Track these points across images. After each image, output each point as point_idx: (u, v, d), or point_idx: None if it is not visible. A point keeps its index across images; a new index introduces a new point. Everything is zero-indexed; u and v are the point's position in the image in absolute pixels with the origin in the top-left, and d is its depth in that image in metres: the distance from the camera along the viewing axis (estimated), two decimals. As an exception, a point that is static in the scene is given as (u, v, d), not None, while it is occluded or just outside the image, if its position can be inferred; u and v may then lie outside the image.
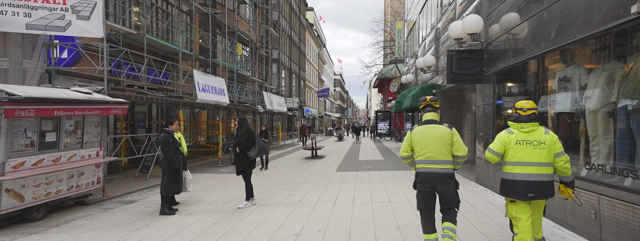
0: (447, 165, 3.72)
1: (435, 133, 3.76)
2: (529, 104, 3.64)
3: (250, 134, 6.63)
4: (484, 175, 8.22)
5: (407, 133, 4.02)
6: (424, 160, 3.76)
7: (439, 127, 3.80)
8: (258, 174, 11.07)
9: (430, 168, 3.71)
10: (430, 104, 3.98)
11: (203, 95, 11.51)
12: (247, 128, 6.70)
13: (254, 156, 6.61)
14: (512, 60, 6.64)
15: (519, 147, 3.52)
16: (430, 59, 12.78)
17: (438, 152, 3.70)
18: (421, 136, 3.80)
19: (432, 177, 3.70)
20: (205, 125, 17.82)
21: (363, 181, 9.47)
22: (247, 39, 18.89)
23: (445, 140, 3.71)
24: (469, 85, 11.62)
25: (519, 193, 3.47)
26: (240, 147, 6.61)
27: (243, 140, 6.64)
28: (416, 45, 18.89)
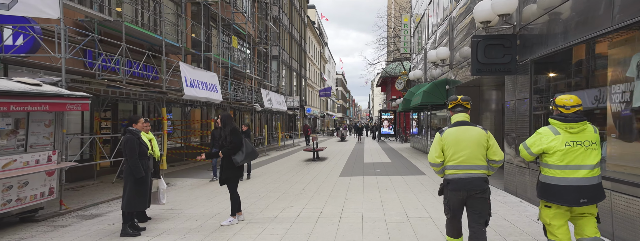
0: (482, 170, 3.41)
1: (470, 135, 3.41)
2: (573, 100, 3.22)
3: (236, 135, 5.40)
4: (516, 182, 6.96)
5: (437, 135, 3.56)
6: (457, 166, 3.41)
7: (473, 128, 3.46)
8: (252, 180, 9.83)
9: (465, 174, 3.38)
10: (461, 104, 3.58)
11: (191, 91, 10.28)
12: (233, 128, 5.47)
13: (241, 162, 5.38)
14: (560, 44, 5.38)
15: (569, 149, 3.15)
16: (443, 51, 11.53)
17: (473, 156, 3.38)
18: (454, 139, 3.42)
19: (468, 183, 3.37)
20: (199, 125, 16.60)
21: (371, 188, 8.23)
22: (244, 33, 17.66)
23: (481, 143, 3.40)
24: (489, 81, 10.37)
25: (570, 199, 3.13)
26: (224, 150, 5.38)
27: (227, 141, 5.42)
28: (425, 39, 17.63)
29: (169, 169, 11.76)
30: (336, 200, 7.03)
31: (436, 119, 15.92)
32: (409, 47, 22.39)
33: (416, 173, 10.62)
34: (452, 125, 3.54)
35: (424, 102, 13.01)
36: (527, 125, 6.49)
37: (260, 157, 16.58)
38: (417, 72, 16.91)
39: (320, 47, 58.84)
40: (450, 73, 12.44)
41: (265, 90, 18.66)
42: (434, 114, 16.26)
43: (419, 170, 11.25)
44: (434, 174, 10.00)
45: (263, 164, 13.60)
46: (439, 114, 14.92)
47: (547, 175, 3.24)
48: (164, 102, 9.05)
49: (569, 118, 3.17)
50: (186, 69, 10.27)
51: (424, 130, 17.96)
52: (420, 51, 19.55)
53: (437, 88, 12.95)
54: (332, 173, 10.96)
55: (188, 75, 10.37)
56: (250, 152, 5.48)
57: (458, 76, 11.60)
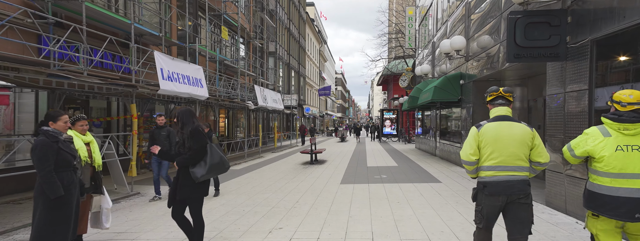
0: (524, 172, 3.02)
1: (513, 132, 3.04)
2: (634, 96, 2.72)
3: (198, 138, 3.97)
4: (566, 195, 5.54)
5: (473, 130, 3.17)
6: (496, 166, 3.02)
7: (517, 125, 3.07)
8: (238, 189, 8.40)
9: (505, 176, 2.99)
10: (502, 96, 3.21)
11: (168, 85, 8.85)
12: (194, 129, 4.03)
13: (202, 177, 3.94)
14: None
15: (621, 154, 2.70)
16: (459, 41, 10.12)
17: (515, 156, 3.01)
18: (494, 135, 3.05)
19: (509, 187, 2.97)
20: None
21: (379, 201, 6.81)
22: (236, 24, 16.23)
23: (525, 142, 3.03)
24: (513, 74, 8.97)
25: (623, 213, 2.66)
26: (179, 160, 3.96)
27: (186, 147, 4.00)
28: (433, 30, 16.21)
29: (141, 176, 10.31)
30: (338, 218, 5.61)
31: (448, 119, 14.47)
32: (413, 42, 20.98)
33: (429, 180, 9.20)
34: (491, 119, 3.16)
35: (435, 98, 11.60)
36: (584, 124, 5.07)
37: (254, 159, 15.17)
38: (425, 67, 15.50)
39: (320, 45, 57.42)
40: (466, 66, 11.03)
41: (260, 87, 17.24)
42: (447, 112, 14.79)
43: (432, 176, 9.83)
44: (453, 182, 8.58)
45: (255, 168, 12.19)
46: (452, 113, 13.47)
47: (596, 183, 2.82)
48: (133, 98, 7.62)
49: (624, 117, 2.73)
50: (163, 60, 8.84)
51: (431, 131, 16.54)
52: (426, 46, 18.14)
53: (450, 83, 11.54)
54: (332, 179, 9.54)
55: (165, 67, 8.94)
56: (216, 164, 4.04)
57: (474, 69, 10.19)
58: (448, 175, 9.85)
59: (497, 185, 3.01)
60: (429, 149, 16.85)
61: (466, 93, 10.95)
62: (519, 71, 8.54)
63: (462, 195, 7.27)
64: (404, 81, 21.84)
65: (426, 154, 16.60)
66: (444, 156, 13.83)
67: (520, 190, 2.98)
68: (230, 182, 9.33)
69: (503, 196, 3.00)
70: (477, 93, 10.29)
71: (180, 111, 4.17)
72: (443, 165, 12.08)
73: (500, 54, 8.11)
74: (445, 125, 14.58)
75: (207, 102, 11.97)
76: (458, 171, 10.64)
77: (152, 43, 11.87)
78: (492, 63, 8.67)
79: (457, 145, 11.81)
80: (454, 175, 9.95)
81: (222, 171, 4.19)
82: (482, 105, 10.27)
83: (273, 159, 15.43)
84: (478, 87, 10.27)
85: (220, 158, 4.15)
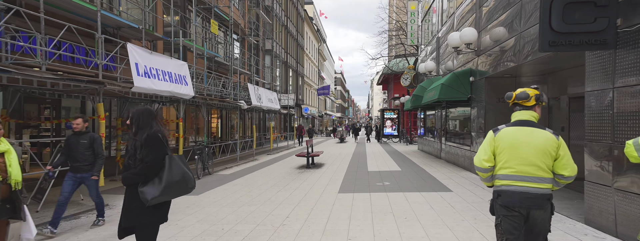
0: (545, 184, 2.74)
1: (535, 139, 2.76)
2: None
3: (154, 148, 3.03)
4: (616, 214, 4.53)
5: (489, 134, 2.92)
6: (513, 175, 2.78)
7: (540, 132, 2.78)
8: (220, 200, 7.39)
9: (522, 187, 2.74)
10: (517, 103, 2.90)
11: (144, 82, 7.85)
12: (151, 135, 3.09)
13: (153, 199, 2.97)
14: None
15: None
16: (469, 33, 9.13)
17: (535, 166, 2.74)
18: (512, 141, 2.79)
19: (526, 199, 2.72)
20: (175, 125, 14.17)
21: (383, 216, 5.81)
22: (227, 18, 15.22)
23: (547, 151, 2.73)
24: (531, 70, 7.98)
25: None
26: (125, 176, 3.00)
27: (138, 159, 3.02)
28: (437, 25, 15.21)
29: (112, 185, 9.29)
30: (334, 240, 4.62)
31: (455, 119, 13.46)
32: (416, 38, 19.98)
33: (438, 188, 8.20)
34: (510, 123, 2.90)
35: (442, 97, 10.60)
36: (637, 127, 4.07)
37: (247, 162, 14.17)
38: (429, 64, 14.50)
39: (319, 43, 56.43)
40: (476, 62, 10.03)
41: (254, 85, 16.23)
42: (454, 112, 13.78)
43: (441, 183, 8.83)
44: (466, 192, 7.58)
45: (246, 173, 11.19)
46: (459, 113, 12.46)
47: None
48: (100, 96, 6.61)
49: None
50: (138, 53, 7.83)
51: (436, 132, 15.54)
52: (430, 42, 17.14)
53: (459, 81, 10.55)
54: (329, 187, 8.54)
55: (142, 62, 7.93)
56: (175, 182, 3.07)
57: (486, 65, 9.20)
58: (458, 182, 8.85)
59: (512, 195, 2.77)
60: (433, 151, 15.85)
61: (477, 91, 9.96)
62: (538, 66, 7.55)
63: (479, 208, 6.28)
64: (405, 80, 20.85)
65: (430, 157, 15.61)
66: (450, 159, 12.83)
67: (538, 206, 2.71)
68: (216, 190, 8.34)
69: (519, 208, 2.74)
70: (490, 92, 9.30)
71: (136, 111, 3.19)
72: (450, 170, 11.08)
73: (518, 46, 7.12)
74: (451, 126, 13.58)
75: (194, 101, 10.96)
76: (469, 177, 9.65)
77: (134, 37, 10.88)
78: (508, 57, 7.68)
79: (466, 148, 10.82)
80: (465, 182, 8.95)
81: (183, 191, 3.21)
82: (495, 104, 9.29)
83: (267, 162, 14.43)
84: (491, 84, 9.28)
85: (183, 175, 3.17)
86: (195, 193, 8.06)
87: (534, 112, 2.88)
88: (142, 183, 3.04)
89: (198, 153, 10.44)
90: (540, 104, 2.89)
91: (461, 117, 12.23)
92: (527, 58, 6.55)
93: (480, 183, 8.68)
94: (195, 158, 10.41)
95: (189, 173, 3.26)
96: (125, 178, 3.08)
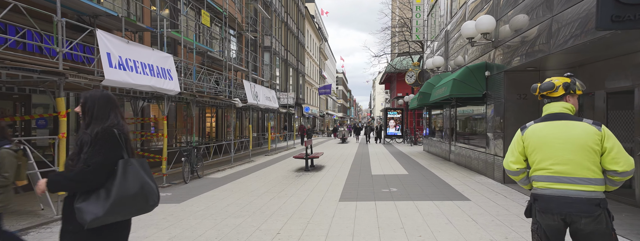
0: (591, 185, 2.34)
1: (571, 134, 2.42)
2: None
3: (107, 146, 2.19)
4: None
5: (516, 133, 2.66)
6: (550, 176, 2.43)
7: (576, 124, 2.43)
8: (204, 210, 6.42)
9: (560, 190, 2.39)
10: (544, 95, 2.58)
11: (119, 75, 6.88)
12: (105, 130, 2.27)
13: (96, 220, 2.11)
14: None
15: None
16: (486, 21, 8.15)
17: (575, 164, 2.37)
18: (543, 138, 2.48)
19: (565, 205, 2.35)
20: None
21: (393, 233, 4.84)
22: (220, 9, 14.26)
23: (588, 146, 2.36)
24: (559, 62, 6.99)
25: None
26: (54, 179, 2.19)
27: (81, 159, 2.14)
28: (446, 17, 14.21)
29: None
30: (333, 270, 3.65)
31: (467, 118, 12.45)
32: (422, 34, 19.01)
33: (453, 196, 7.21)
34: (540, 119, 2.55)
35: (454, 93, 9.61)
36: None
37: (242, 164, 13.20)
38: (437, 59, 13.51)
39: (320, 42, 55.47)
40: (492, 55, 9.05)
41: (250, 82, 15.27)
42: (465, 111, 12.77)
43: (455, 190, 7.84)
44: (486, 200, 6.59)
45: (239, 176, 10.22)
46: (472, 111, 11.46)
47: None
48: (61, 90, 5.64)
49: None
50: (111, 42, 6.86)
51: (444, 132, 14.54)
52: (437, 37, 16.16)
53: (473, 76, 9.56)
54: (329, 194, 7.57)
55: (115, 52, 6.96)
56: (129, 197, 2.27)
57: (505, 57, 8.21)
58: (475, 189, 7.87)
59: (549, 200, 2.43)
60: (441, 153, 14.86)
61: (494, 87, 8.97)
62: (570, 56, 6.56)
63: (507, 222, 5.29)
64: (410, 77, 19.87)
65: (438, 158, 14.61)
66: (461, 162, 11.83)
67: (583, 212, 2.30)
68: (201, 198, 7.38)
69: (558, 215, 2.39)
70: (510, 87, 8.30)
71: (90, 97, 2.35)
72: (463, 174, 10.09)
73: (549, 33, 6.14)
74: (462, 126, 12.58)
75: (181, 97, 10.01)
76: (485, 183, 8.66)
77: (115, 28, 9.94)
78: (534, 47, 6.70)
79: (481, 150, 9.82)
80: (482, 188, 7.97)
81: (141, 209, 2.33)
82: (516, 101, 8.30)
83: (263, 164, 13.46)
84: (511, 79, 8.29)
85: (142, 187, 2.28)
86: (176, 200, 7.11)
87: (566, 103, 2.52)
88: (82, 197, 2.15)
89: (185, 155, 9.48)
90: (572, 93, 2.51)
91: (474, 116, 11.24)
92: (565, 44, 5.53)
93: (501, 190, 7.69)
94: (182, 160, 9.45)
95: (152, 184, 2.37)
96: (51, 181, 2.20)
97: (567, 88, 2.50)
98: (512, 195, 7.12)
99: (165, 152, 8.92)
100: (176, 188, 8.55)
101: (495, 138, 8.79)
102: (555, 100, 2.54)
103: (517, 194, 7.25)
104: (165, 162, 8.85)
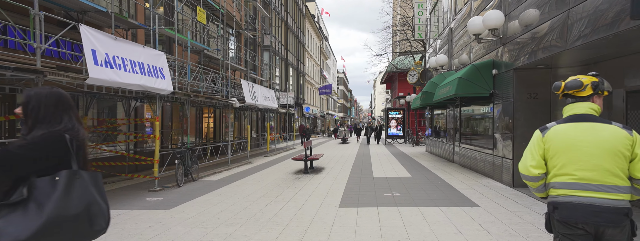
0: (619, 194, 2.17)
1: (599, 137, 2.23)
2: None
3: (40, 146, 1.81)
4: None
5: (535, 134, 2.43)
6: (573, 183, 2.23)
7: (605, 127, 2.24)
8: (194, 217, 6.01)
9: (586, 198, 2.19)
10: (568, 94, 2.39)
11: (105, 74, 6.48)
12: (52, 133, 1.88)
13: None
14: None
15: None
16: (495, 16, 7.72)
17: (603, 171, 2.18)
18: (568, 141, 2.28)
19: (592, 214, 2.16)
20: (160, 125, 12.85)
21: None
22: (217, 7, 13.86)
23: (618, 151, 2.18)
24: (572, 59, 6.56)
25: None
26: None
27: None
28: (450, 14, 13.79)
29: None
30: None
31: (472, 118, 12.03)
32: (424, 32, 18.58)
33: (461, 201, 6.79)
34: (562, 119, 2.36)
35: (460, 92, 9.19)
36: None
37: (240, 165, 12.79)
38: (441, 57, 13.09)
39: (321, 42, 55.06)
40: (499, 52, 8.63)
41: (248, 82, 14.86)
42: (470, 110, 12.35)
43: (463, 195, 7.42)
44: (496, 206, 6.17)
45: (235, 179, 9.81)
46: (478, 111, 11.04)
47: None
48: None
49: None
50: (95, 38, 6.46)
51: (448, 133, 14.12)
52: (440, 35, 15.74)
53: (479, 74, 9.13)
54: (329, 199, 7.15)
55: (101, 49, 6.56)
56: (70, 218, 1.84)
57: (514, 54, 7.79)
58: (483, 193, 7.44)
59: (573, 208, 2.21)
60: (444, 154, 14.43)
61: (502, 86, 8.55)
62: (583, 53, 6.14)
63: (522, 232, 4.87)
64: (412, 76, 19.44)
65: (441, 160, 14.19)
66: (466, 163, 11.41)
67: (611, 222, 2.12)
68: (194, 203, 6.97)
69: (582, 224, 2.18)
70: (519, 86, 7.88)
71: (35, 95, 1.95)
72: (468, 176, 9.67)
73: (565, 27, 5.72)
74: (467, 126, 12.16)
75: (175, 97, 9.60)
76: (493, 186, 8.24)
77: (106, 25, 9.54)
78: (548, 42, 6.28)
79: (487, 152, 9.40)
80: (491, 193, 7.54)
81: (80, 236, 1.87)
82: (526, 101, 7.87)
83: (262, 166, 13.06)
84: (521, 77, 7.86)
85: (88, 206, 1.86)
86: (167, 206, 6.70)
87: (592, 104, 2.35)
88: (3, 210, 1.73)
89: (179, 157, 9.07)
90: (600, 94, 2.34)
91: (480, 116, 10.82)
92: (586, 38, 5.08)
93: (511, 195, 7.26)
94: (175, 163, 9.04)
95: (103, 205, 1.94)
96: None
97: (596, 88, 2.32)
98: (524, 201, 6.69)
99: (157, 154, 8.51)
100: (168, 192, 8.14)
101: (503, 139, 8.37)
102: (581, 100, 2.35)
103: (528, 199, 6.82)
104: (157, 165, 8.44)
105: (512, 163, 7.92)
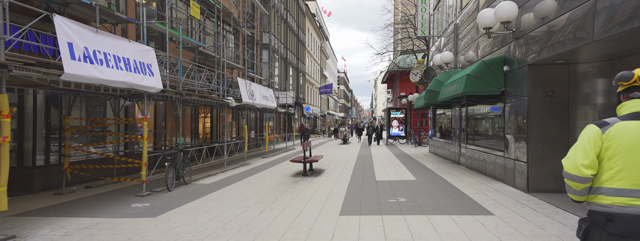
0: None
1: None
2: None
3: None
4: None
5: (591, 130, 2.14)
6: (633, 191, 2.00)
7: None
8: (186, 221, 5.44)
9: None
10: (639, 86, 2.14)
11: (84, 69, 5.92)
12: None
13: None
14: None
15: None
16: (508, 8, 7.15)
17: None
18: (635, 141, 2.01)
19: None
20: (152, 125, 12.29)
21: (409, 263, 3.86)
22: (212, 1, 13.29)
23: None
24: (594, 54, 5.99)
25: None
26: None
27: None
28: (455, 9, 13.22)
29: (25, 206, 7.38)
30: None
31: (480, 118, 11.46)
32: (427, 29, 18.01)
33: (473, 209, 6.21)
34: (626, 116, 2.10)
35: (468, 90, 8.62)
36: None
37: (236, 167, 12.22)
38: (446, 55, 12.52)
39: (321, 41, 54.50)
40: (511, 47, 8.06)
41: (245, 80, 14.30)
42: (478, 110, 11.77)
43: (473, 201, 6.84)
44: (512, 215, 5.59)
45: (230, 182, 9.25)
46: (486, 110, 10.46)
47: None
48: (4, 85, 4.67)
49: None
50: (72, 30, 5.90)
51: (453, 133, 13.55)
52: (444, 32, 15.17)
53: (489, 71, 8.56)
54: (328, 205, 6.58)
55: (79, 42, 5.99)
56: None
57: (528, 50, 7.22)
58: (496, 199, 6.87)
59: (634, 221, 1.96)
60: (450, 155, 13.86)
61: (514, 83, 7.97)
62: (607, 47, 5.58)
63: (579, 220, 4.30)
64: (415, 75, 18.88)
65: (446, 161, 13.62)
66: (473, 166, 10.83)
67: None
68: (182, 209, 6.41)
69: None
70: (535, 83, 7.29)
71: None
72: (477, 180, 9.09)
73: (588, 16, 5.15)
74: (475, 127, 11.58)
75: (165, 96, 9.04)
76: (505, 191, 7.66)
77: (92, 19, 8.94)
78: (570, 34, 5.71)
79: (498, 154, 8.82)
80: (504, 199, 6.96)
81: None
82: (541, 100, 7.29)
83: (259, 168, 12.50)
84: (536, 74, 7.28)
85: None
86: (152, 213, 6.14)
87: None
88: None
89: (169, 159, 8.51)
90: None
91: (488, 116, 10.24)
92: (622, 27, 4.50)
93: (527, 201, 6.68)
94: (165, 165, 8.47)
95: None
96: None
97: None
98: (542, 208, 6.12)
99: (145, 156, 7.95)
100: (157, 197, 7.58)
101: (516, 141, 7.79)
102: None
103: (547, 206, 6.24)
104: (144, 168, 7.88)
105: (526, 167, 7.34)
